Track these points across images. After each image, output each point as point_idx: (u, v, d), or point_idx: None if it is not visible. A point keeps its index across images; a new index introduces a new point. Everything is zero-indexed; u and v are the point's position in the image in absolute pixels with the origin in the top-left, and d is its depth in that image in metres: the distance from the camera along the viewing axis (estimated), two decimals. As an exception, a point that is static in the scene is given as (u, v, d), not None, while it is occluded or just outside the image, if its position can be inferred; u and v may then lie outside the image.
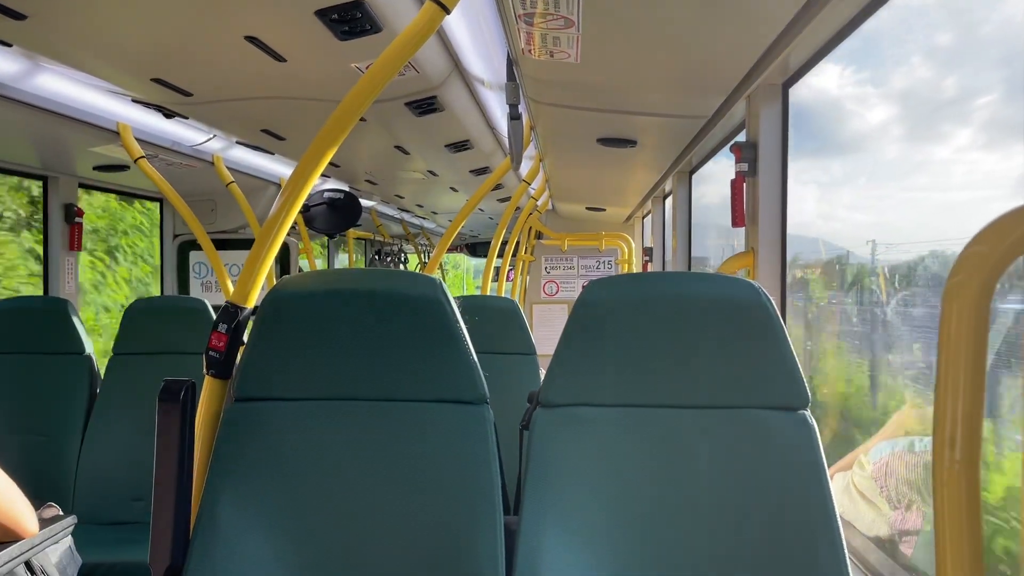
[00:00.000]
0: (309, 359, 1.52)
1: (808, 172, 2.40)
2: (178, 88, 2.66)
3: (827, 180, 2.48)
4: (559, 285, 6.90)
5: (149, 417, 1.43)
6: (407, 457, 1.48)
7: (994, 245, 0.72)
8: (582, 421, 1.47)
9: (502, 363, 2.94)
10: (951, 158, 1.83)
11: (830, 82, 2.30)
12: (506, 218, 4.32)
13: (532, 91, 2.57)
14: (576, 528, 1.40)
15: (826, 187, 2.49)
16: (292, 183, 1.57)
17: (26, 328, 3.11)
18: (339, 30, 2.06)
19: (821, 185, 2.49)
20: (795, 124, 2.28)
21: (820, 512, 1.37)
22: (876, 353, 2.13)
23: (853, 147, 2.36)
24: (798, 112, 2.29)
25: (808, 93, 2.30)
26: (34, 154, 3.53)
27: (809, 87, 2.26)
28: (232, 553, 1.40)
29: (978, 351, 0.73)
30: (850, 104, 2.34)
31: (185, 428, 1.40)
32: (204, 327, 3.05)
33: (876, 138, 2.21)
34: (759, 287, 1.46)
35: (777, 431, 1.43)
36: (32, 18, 1.98)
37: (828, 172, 2.49)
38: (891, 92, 2.13)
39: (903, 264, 1.94)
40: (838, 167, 2.46)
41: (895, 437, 1.99)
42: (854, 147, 2.35)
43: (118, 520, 2.95)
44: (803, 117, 2.33)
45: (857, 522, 2.01)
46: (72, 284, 3.97)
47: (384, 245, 10.13)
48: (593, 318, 1.48)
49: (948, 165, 1.84)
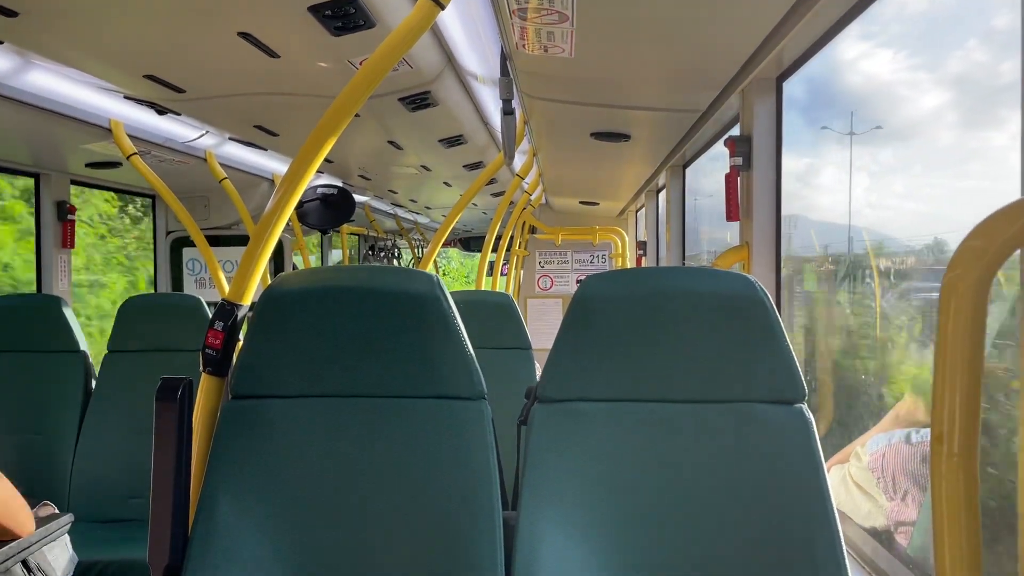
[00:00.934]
0: (306, 356, 1.52)
1: (857, 160, 2.35)
2: (171, 84, 2.65)
3: (877, 169, 2.42)
4: (553, 279, 6.91)
5: (145, 415, 1.43)
6: (405, 453, 1.48)
7: (991, 240, 0.72)
8: (580, 416, 1.47)
9: (498, 358, 2.94)
10: (1008, 145, 1.77)
11: (882, 67, 2.24)
12: (500, 212, 4.32)
13: (526, 86, 2.57)
14: (574, 522, 1.41)
15: (876, 176, 2.42)
16: (287, 180, 1.56)
17: (20, 326, 3.10)
18: (332, 26, 2.06)
19: (871, 174, 2.43)
20: (841, 111, 2.22)
21: (817, 505, 1.38)
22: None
23: (905, 134, 2.30)
24: (844, 98, 2.22)
25: (858, 79, 2.24)
26: (26, 151, 3.51)
27: (860, 72, 2.20)
28: (231, 550, 1.40)
29: (975, 345, 0.74)
30: (903, 89, 2.27)
31: (183, 426, 1.40)
32: (199, 324, 3.05)
33: (929, 124, 2.15)
34: (755, 281, 1.47)
35: (774, 424, 1.44)
36: (24, 15, 1.97)
37: (878, 160, 2.43)
38: (945, 77, 2.06)
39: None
40: (888, 154, 2.40)
41: (892, 429, 2.01)
42: (906, 134, 2.29)
43: (114, 518, 2.95)
44: (851, 103, 2.27)
45: (854, 514, 2.02)
46: (65, 281, 3.96)
47: (378, 240, 10.12)
48: (590, 313, 1.48)
49: (1006, 152, 1.78)
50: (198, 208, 4.89)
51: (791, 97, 2.35)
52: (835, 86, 2.44)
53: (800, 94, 2.60)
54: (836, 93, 2.43)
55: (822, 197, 2.70)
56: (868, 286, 2.38)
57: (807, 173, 2.81)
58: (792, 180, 2.64)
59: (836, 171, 2.50)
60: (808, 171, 2.82)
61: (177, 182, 4.08)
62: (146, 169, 3.44)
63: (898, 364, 2.21)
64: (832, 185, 2.64)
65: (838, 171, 2.41)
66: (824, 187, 2.71)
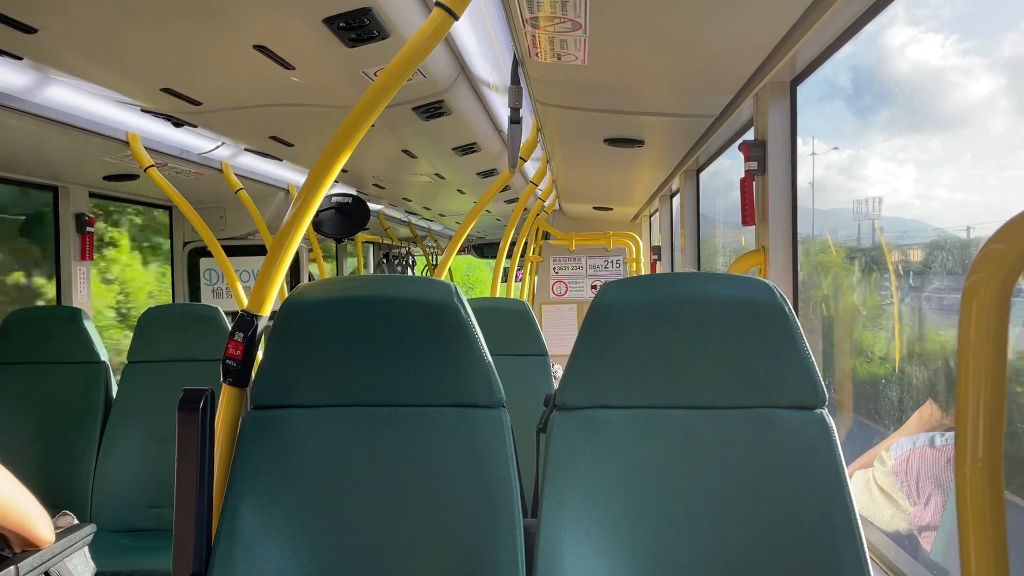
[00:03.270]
0: (326, 366, 1.52)
1: (905, 150, 2.29)
2: (187, 97, 2.68)
3: (926, 159, 2.34)
4: (568, 285, 6.90)
5: (165, 425, 1.44)
6: (425, 462, 1.49)
7: (1014, 242, 0.72)
8: (599, 423, 1.47)
9: (514, 365, 2.94)
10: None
11: (931, 52, 2.17)
12: (514, 219, 4.33)
13: (539, 93, 2.58)
14: (595, 529, 1.41)
15: (924, 166, 2.34)
16: (305, 191, 1.57)
17: (40, 338, 3.13)
18: (347, 37, 2.07)
19: (919, 164, 2.35)
20: (885, 98, 2.16)
21: (840, 512, 1.37)
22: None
23: (955, 122, 2.22)
24: (889, 84, 2.16)
25: (906, 65, 2.18)
26: (45, 164, 3.55)
27: (908, 59, 2.14)
28: (254, 559, 1.41)
29: (999, 349, 0.73)
30: (953, 75, 2.19)
31: (205, 437, 1.41)
32: (217, 334, 3.07)
33: (981, 111, 2.07)
34: (773, 286, 1.46)
35: (795, 430, 1.43)
36: (42, 31, 2.00)
37: (927, 150, 2.35)
38: (999, 62, 1.99)
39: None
40: (937, 144, 2.32)
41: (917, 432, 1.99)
42: (956, 122, 2.21)
43: (135, 528, 2.97)
44: (897, 90, 2.20)
45: (877, 519, 2.01)
46: (84, 293, 3.99)
47: (392, 248, 10.15)
48: (608, 320, 1.48)
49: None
50: (214, 219, 4.92)
51: (835, 87, 2.30)
52: (881, 73, 2.38)
53: (845, 82, 2.55)
54: (882, 81, 2.36)
55: (868, 189, 2.61)
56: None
57: (852, 164, 2.76)
58: (835, 172, 2.57)
59: (881, 161, 2.43)
60: (852, 162, 2.77)
61: (193, 193, 4.11)
62: (163, 181, 3.47)
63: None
64: (879, 177, 2.56)
65: (883, 161, 2.35)
66: (870, 179, 2.63)
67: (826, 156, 2.70)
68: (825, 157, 2.70)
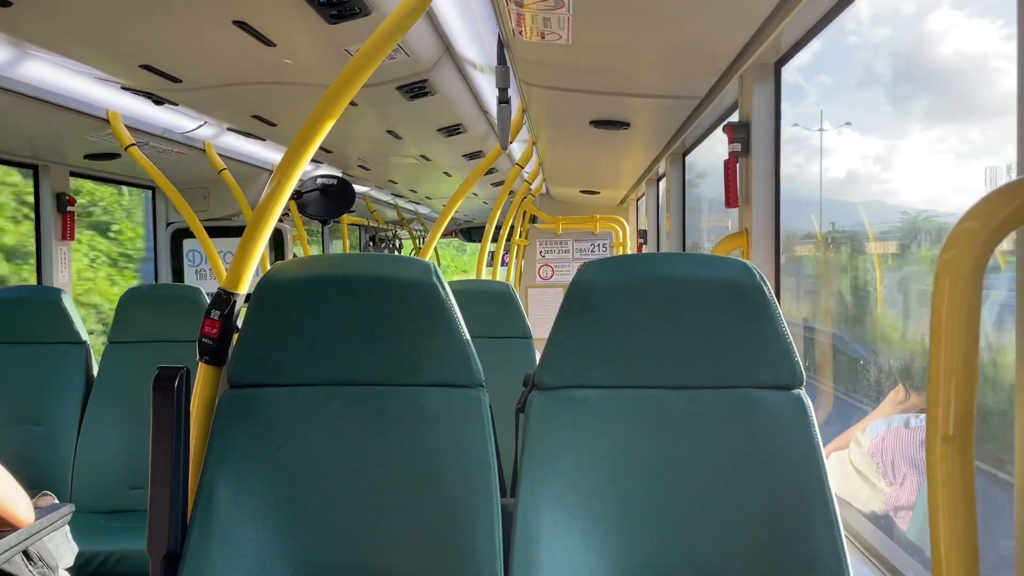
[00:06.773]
0: (303, 344, 1.51)
1: (944, 141, 2.23)
2: (167, 74, 2.64)
3: (966, 151, 2.28)
4: (554, 268, 6.90)
5: (145, 406, 1.43)
6: (403, 441, 1.48)
7: (986, 221, 0.72)
8: (577, 403, 1.47)
9: (498, 347, 2.94)
10: None
11: (973, 38, 2.09)
12: (500, 202, 4.31)
13: (524, 73, 2.56)
14: (573, 509, 1.41)
15: (964, 157, 2.27)
16: (282, 168, 1.56)
17: (21, 318, 3.10)
18: (328, 13, 2.05)
19: (959, 155, 2.28)
20: (923, 86, 2.09)
21: (816, 491, 1.38)
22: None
23: (999, 111, 2.11)
24: (925, 72, 2.10)
25: (947, 51, 2.11)
26: (24, 142, 3.50)
27: (951, 47, 2.08)
28: (229, 538, 1.41)
29: (971, 327, 0.73)
30: (998, 62, 2.08)
31: (180, 415, 1.40)
32: (199, 315, 3.03)
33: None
34: (753, 267, 1.46)
35: (772, 410, 1.43)
36: (18, 5, 1.96)
37: (967, 140, 2.27)
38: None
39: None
40: (977, 134, 2.24)
41: (892, 414, 2.01)
42: (1000, 111, 2.12)
43: (115, 509, 2.96)
44: (935, 79, 2.14)
45: (854, 499, 2.03)
46: (66, 273, 3.96)
47: (378, 231, 10.11)
48: (588, 300, 1.48)
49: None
50: (197, 199, 4.87)
51: (872, 73, 2.22)
52: (922, 60, 2.32)
53: (884, 69, 2.48)
54: (922, 68, 2.30)
55: (902, 180, 2.56)
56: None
57: (889, 155, 2.68)
58: (869, 163, 2.51)
59: (917, 152, 2.35)
60: (890, 152, 2.70)
61: (176, 173, 4.07)
62: (144, 160, 3.43)
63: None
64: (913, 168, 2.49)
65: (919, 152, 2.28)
66: (905, 169, 2.56)
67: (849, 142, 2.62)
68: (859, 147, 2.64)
